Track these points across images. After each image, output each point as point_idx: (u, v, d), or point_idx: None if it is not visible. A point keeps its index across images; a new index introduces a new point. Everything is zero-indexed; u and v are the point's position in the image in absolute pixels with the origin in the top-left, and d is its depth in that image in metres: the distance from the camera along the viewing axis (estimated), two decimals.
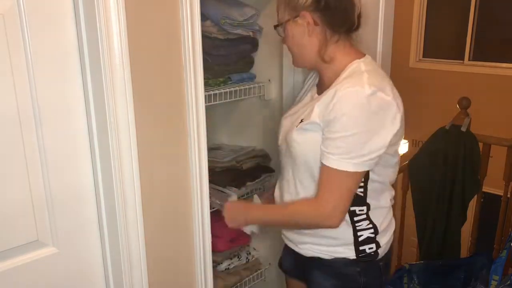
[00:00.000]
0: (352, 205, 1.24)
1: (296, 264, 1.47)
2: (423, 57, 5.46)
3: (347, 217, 1.27)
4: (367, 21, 1.83)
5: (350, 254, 1.30)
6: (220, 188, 1.74)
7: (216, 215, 1.51)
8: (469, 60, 5.15)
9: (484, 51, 5.06)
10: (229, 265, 1.92)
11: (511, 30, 4.87)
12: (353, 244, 1.29)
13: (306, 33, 1.22)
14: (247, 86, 1.74)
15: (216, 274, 1.55)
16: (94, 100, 1.13)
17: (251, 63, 1.84)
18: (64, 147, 1.14)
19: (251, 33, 1.74)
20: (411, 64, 5.45)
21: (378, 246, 1.31)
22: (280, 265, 1.62)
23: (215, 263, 1.87)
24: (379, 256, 1.32)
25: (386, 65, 1.93)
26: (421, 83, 5.31)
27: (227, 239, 1.87)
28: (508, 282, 1.94)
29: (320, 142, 1.19)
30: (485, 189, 2.65)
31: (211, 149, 1.85)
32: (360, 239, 1.29)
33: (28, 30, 1.03)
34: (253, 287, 2.03)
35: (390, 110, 1.15)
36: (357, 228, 1.28)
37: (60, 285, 1.21)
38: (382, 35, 1.86)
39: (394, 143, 1.21)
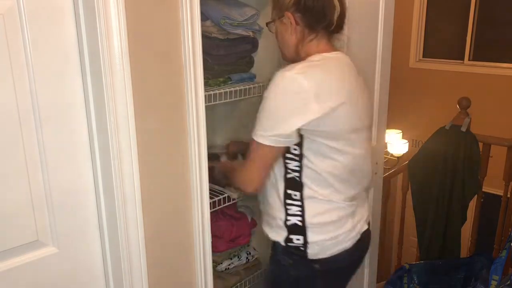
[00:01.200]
0: (289, 188, 1.32)
1: None
2: (423, 57, 5.46)
3: (282, 198, 1.33)
4: (366, 21, 1.84)
5: (281, 239, 1.35)
6: (220, 188, 1.74)
7: (216, 215, 1.51)
8: (469, 60, 5.14)
9: (484, 51, 5.06)
10: (229, 265, 1.92)
11: (511, 30, 4.87)
12: (283, 228, 1.34)
13: (289, 31, 1.32)
14: (247, 86, 1.74)
15: (216, 274, 1.55)
16: (94, 100, 1.13)
17: (251, 63, 1.84)
18: (64, 147, 1.14)
19: (251, 33, 1.74)
20: (411, 64, 5.45)
21: (305, 240, 1.32)
22: None
23: (215, 263, 1.87)
24: (310, 256, 1.33)
25: (386, 65, 1.94)
26: (421, 83, 5.31)
27: (227, 239, 1.87)
28: (508, 282, 1.94)
29: None
30: (485, 189, 2.66)
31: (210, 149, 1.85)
32: (288, 223, 1.33)
33: (28, 30, 1.03)
34: (253, 287, 2.03)
35: (303, 95, 1.19)
36: (288, 211, 1.33)
37: (60, 285, 1.21)
38: (382, 35, 1.86)
39: (327, 133, 1.24)
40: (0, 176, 1.06)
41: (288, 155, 1.29)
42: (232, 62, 1.74)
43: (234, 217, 1.95)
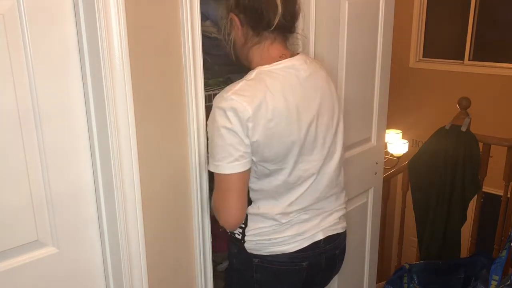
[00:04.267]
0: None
1: None
2: (423, 57, 5.46)
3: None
4: (366, 21, 1.83)
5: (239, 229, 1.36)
6: None
7: None
8: (469, 60, 5.14)
9: (484, 51, 5.06)
10: None
11: (511, 30, 4.87)
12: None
13: (236, 33, 1.27)
14: None
15: (216, 274, 1.55)
16: (94, 99, 1.13)
17: None
18: (64, 147, 1.14)
19: None
20: (411, 64, 5.45)
21: (243, 234, 1.33)
22: None
23: (215, 263, 1.87)
24: (249, 249, 1.34)
25: (386, 65, 1.94)
26: (421, 83, 5.32)
27: (227, 239, 1.87)
28: (508, 282, 1.94)
29: None
30: (485, 189, 2.66)
31: None
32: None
33: (28, 30, 1.03)
34: None
35: (239, 117, 1.14)
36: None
37: (60, 285, 1.21)
38: (382, 35, 1.87)
39: (266, 159, 1.21)
40: (0, 176, 1.06)
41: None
42: (232, 62, 1.74)
43: None
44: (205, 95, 1.34)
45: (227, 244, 1.45)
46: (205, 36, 1.48)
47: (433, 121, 3.24)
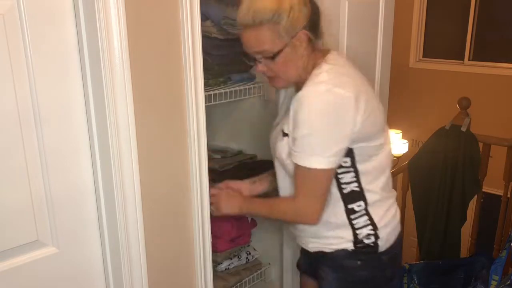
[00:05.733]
0: (350, 203, 1.28)
1: (308, 262, 1.50)
2: (423, 57, 5.45)
3: (344, 216, 1.29)
4: (366, 21, 1.84)
5: (349, 245, 1.31)
6: None
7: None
8: (469, 60, 5.14)
9: (484, 51, 5.06)
10: (229, 265, 1.92)
11: (511, 30, 4.86)
12: (351, 241, 1.31)
13: (300, 52, 1.22)
14: (247, 86, 1.74)
15: (216, 274, 1.55)
16: (94, 100, 1.13)
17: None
18: (64, 147, 1.14)
19: None
20: (411, 64, 5.45)
21: (376, 237, 1.31)
22: (298, 265, 1.63)
23: (215, 263, 1.87)
24: (380, 249, 1.32)
25: (386, 65, 1.94)
26: (421, 83, 5.31)
27: (227, 239, 1.87)
28: (508, 282, 1.94)
29: None
30: (485, 189, 2.65)
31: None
32: (359, 237, 1.30)
33: (28, 30, 1.03)
34: (253, 287, 2.03)
35: (348, 105, 1.16)
36: (355, 226, 1.30)
37: (60, 285, 1.21)
38: (382, 35, 1.87)
39: (370, 135, 1.23)
40: (0, 176, 1.06)
41: (340, 170, 1.26)
42: (232, 62, 1.74)
43: (234, 217, 1.95)
44: (205, 95, 1.34)
45: (228, 244, 1.45)
46: (205, 36, 1.48)
47: (433, 121, 3.23)
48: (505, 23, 4.91)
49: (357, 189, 1.28)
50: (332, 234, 1.31)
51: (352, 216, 1.29)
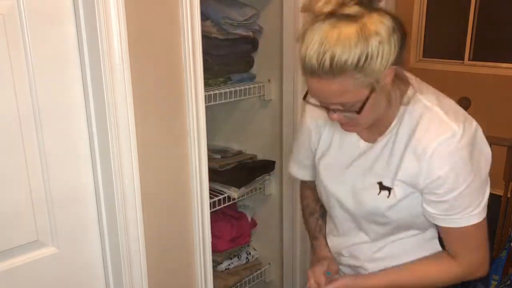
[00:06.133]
0: None
1: None
2: (423, 57, 5.45)
3: None
4: None
5: None
6: (220, 188, 1.75)
7: (216, 215, 1.51)
8: (469, 60, 5.14)
9: (484, 51, 5.05)
10: (229, 265, 1.93)
11: (511, 30, 4.86)
12: None
13: (387, 89, 0.96)
14: (247, 86, 1.74)
15: (216, 274, 1.55)
16: (94, 100, 1.13)
17: (251, 63, 1.84)
18: (64, 147, 1.14)
19: (251, 33, 1.74)
20: (411, 64, 5.44)
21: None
22: None
23: (215, 263, 1.87)
24: None
25: None
26: None
27: (227, 239, 1.87)
28: (508, 282, 1.94)
29: (419, 200, 1.05)
30: None
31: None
32: None
33: (28, 30, 1.03)
34: (253, 287, 2.03)
35: (481, 134, 1.05)
36: None
37: (60, 285, 1.21)
38: None
39: None
40: (1, 176, 1.06)
41: None
42: (232, 62, 1.75)
43: (234, 217, 1.95)
44: (205, 95, 1.34)
45: (228, 244, 1.44)
46: (205, 36, 1.48)
47: None
48: (505, 23, 4.90)
49: None
50: None
51: None
